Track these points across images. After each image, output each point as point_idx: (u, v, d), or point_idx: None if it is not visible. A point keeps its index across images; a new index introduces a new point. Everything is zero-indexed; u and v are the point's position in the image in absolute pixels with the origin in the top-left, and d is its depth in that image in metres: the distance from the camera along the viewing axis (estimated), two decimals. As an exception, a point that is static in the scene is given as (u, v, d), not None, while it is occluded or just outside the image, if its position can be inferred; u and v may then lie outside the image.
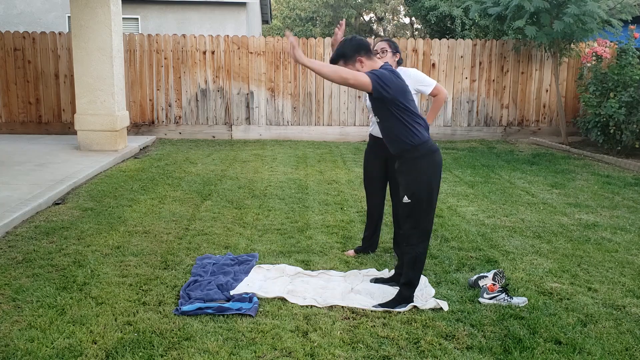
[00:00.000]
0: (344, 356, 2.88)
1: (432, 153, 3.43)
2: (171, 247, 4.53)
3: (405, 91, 3.43)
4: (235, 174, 7.55)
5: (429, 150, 3.42)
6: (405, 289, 3.50)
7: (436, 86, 4.26)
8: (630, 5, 10.09)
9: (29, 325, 3.13)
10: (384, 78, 3.31)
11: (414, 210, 3.41)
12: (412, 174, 3.41)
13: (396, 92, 3.35)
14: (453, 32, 15.22)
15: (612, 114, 8.84)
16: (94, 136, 8.69)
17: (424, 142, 3.41)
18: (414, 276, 3.50)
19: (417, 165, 3.40)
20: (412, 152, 3.40)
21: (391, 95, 3.32)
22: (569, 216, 5.70)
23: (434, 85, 4.26)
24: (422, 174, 3.40)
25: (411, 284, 3.50)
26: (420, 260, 3.50)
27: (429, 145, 3.43)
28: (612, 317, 3.40)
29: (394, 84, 3.35)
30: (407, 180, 3.42)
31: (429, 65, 11.16)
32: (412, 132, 3.39)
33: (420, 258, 3.49)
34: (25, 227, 4.94)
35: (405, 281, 3.51)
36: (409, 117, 3.39)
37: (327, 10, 29.01)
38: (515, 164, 8.64)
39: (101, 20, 8.40)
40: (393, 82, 3.35)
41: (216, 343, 2.96)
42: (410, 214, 3.44)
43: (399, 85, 3.39)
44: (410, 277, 3.49)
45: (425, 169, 3.40)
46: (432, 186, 3.42)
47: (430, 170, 3.42)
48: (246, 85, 11.02)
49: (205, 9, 13.94)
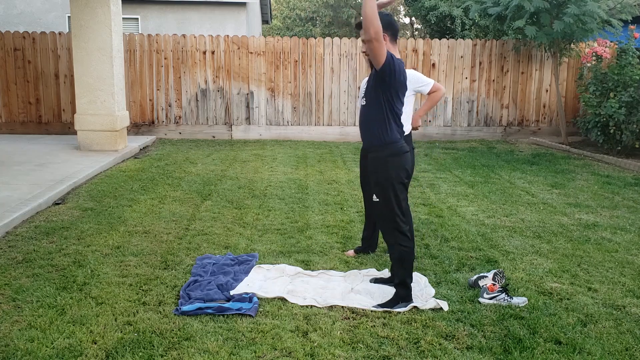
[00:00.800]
0: (344, 356, 2.88)
1: (400, 154, 3.44)
2: (171, 247, 4.53)
3: (404, 88, 3.45)
4: (235, 174, 7.55)
5: (398, 150, 3.44)
6: (400, 288, 3.51)
7: (434, 84, 4.30)
8: (630, 5, 10.09)
9: (29, 325, 3.13)
10: (397, 63, 3.34)
11: (384, 209, 3.47)
12: (380, 172, 3.45)
13: (398, 83, 3.37)
14: (453, 32, 15.22)
15: (612, 114, 8.84)
16: (94, 136, 8.69)
17: (394, 142, 3.43)
18: (405, 274, 3.51)
19: (384, 164, 3.43)
20: (380, 150, 3.44)
21: (393, 80, 3.34)
22: (569, 216, 5.70)
23: (432, 84, 4.29)
24: (389, 173, 3.42)
25: (404, 282, 3.50)
26: (406, 258, 3.51)
27: (398, 146, 3.45)
28: (612, 317, 3.40)
29: (402, 75, 3.39)
30: (375, 179, 3.48)
31: (429, 65, 11.16)
32: (387, 128, 3.41)
33: (405, 256, 3.50)
34: (25, 227, 4.94)
35: (399, 281, 3.52)
36: (392, 113, 3.42)
37: (327, 10, 29.02)
38: (515, 164, 8.64)
39: (101, 20, 8.40)
40: (401, 73, 3.39)
41: (216, 343, 2.96)
42: (381, 212, 3.50)
43: (403, 81, 3.42)
44: (401, 276, 3.51)
45: (391, 169, 3.42)
46: (398, 186, 3.44)
47: (396, 171, 3.43)
48: (246, 85, 11.02)
49: (205, 9, 13.94)
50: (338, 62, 11.08)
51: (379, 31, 3.17)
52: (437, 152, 9.72)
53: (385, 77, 3.33)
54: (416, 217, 5.50)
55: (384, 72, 3.31)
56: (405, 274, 3.51)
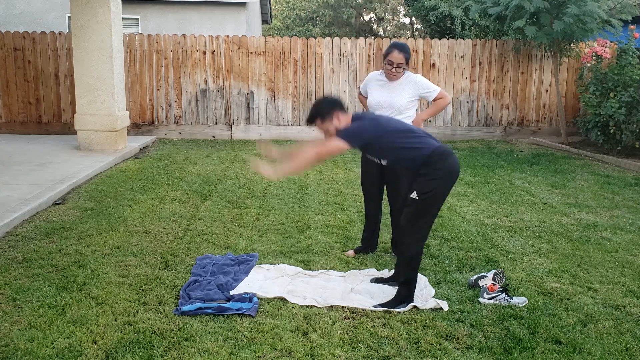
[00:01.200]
0: (344, 356, 2.88)
1: (447, 156, 3.38)
2: (171, 247, 4.53)
3: (383, 124, 3.48)
4: (235, 174, 7.55)
5: (443, 153, 3.38)
6: (404, 288, 3.51)
7: (440, 92, 4.29)
8: (630, 5, 10.09)
9: (29, 325, 3.13)
10: (354, 132, 3.37)
11: (419, 209, 3.38)
12: (430, 175, 3.35)
13: (376, 133, 3.41)
14: (453, 32, 15.22)
15: (612, 114, 8.84)
16: (94, 136, 8.69)
17: (435, 148, 3.38)
18: (411, 274, 3.50)
19: (435, 171, 3.35)
20: (429, 164, 3.36)
21: (372, 139, 3.41)
22: (569, 216, 5.70)
23: (438, 91, 4.29)
24: (438, 178, 3.35)
25: (409, 282, 3.50)
26: (416, 259, 3.50)
27: (442, 149, 3.40)
28: (612, 317, 3.40)
29: (367, 129, 3.41)
30: (422, 181, 3.36)
31: (429, 65, 11.17)
32: (416, 147, 3.38)
33: (416, 258, 3.50)
34: (25, 227, 4.94)
35: (404, 280, 3.51)
36: (405, 138, 3.42)
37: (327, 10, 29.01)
38: (515, 164, 8.64)
39: (101, 20, 8.40)
40: (365, 128, 3.41)
41: (216, 343, 2.96)
42: (414, 212, 3.40)
43: (374, 124, 3.45)
44: (408, 276, 3.50)
45: (441, 174, 3.36)
46: (442, 191, 3.40)
47: (445, 175, 3.37)
48: (246, 85, 11.02)
49: (205, 9, 13.95)
50: (338, 62, 11.08)
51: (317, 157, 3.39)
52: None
53: (365, 143, 3.45)
54: (416, 217, 5.50)
55: (360, 144, 3.45)
56: (411, 274, 3.50)
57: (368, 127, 3.42)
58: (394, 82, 4.24)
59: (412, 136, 3.45)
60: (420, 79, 4.28)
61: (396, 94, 4.23)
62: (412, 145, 3.40)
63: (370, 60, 11.11)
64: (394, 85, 4.25)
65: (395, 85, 4.25)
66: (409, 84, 4.25)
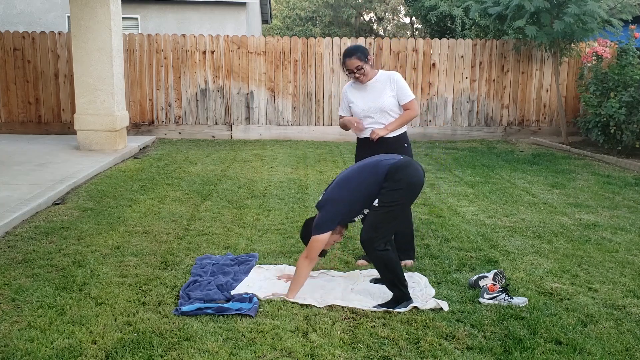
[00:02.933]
0: (344, 356, 2.88)
1: (405, 167, 3.53)
2: (171, 247, 4.53)
3: (339, 198, 3.56)
4: (235, 174, 7.55)
5: (401, 165, 3.53)
6: (395, 289, 3.50)
7: (412, 101, 4.11)
8: (631, 5, 10.08)
9: (29, 325, 3.12)
10: (323, 222, 3.53)
11: (382, 217, 3.48)
12: (391, 187, 3.48)
13: (338, 208, 3.53)
14: (453, 31, 15.22)
15: (613, 114, 8.83)
16: (94, 136, 8.69)
17: (392, 164, 3.52)
18: (395, 275, 3.50)
19: (396, 182, 3.48)
20: (390, 178, 3.49)
21: (340, 214, 3.54)
22: (569, 216, 5.69)
23: (411, 100, 4.11)
24: (400, 189, 3.49)
25: (395, 283, 3.49)
26: (389, 261, 3.49)
27: (400, 162, 3.56)
28: (613, 317, 3.40)
29: (331, 211, 3.54)
30: (385, 192, 3.49)
31: (429, 65, 11.16)
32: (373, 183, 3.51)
33: (389, 260, 3.49)
34: (25, 227, 4.93)
35: (389, 284, 3.52)
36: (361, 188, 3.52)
37: (327, 10, 29.00)
38: (515, 164, 8.63)
39: (101, 20, 8.39)
40: (329, 212, 3.54)
41: (216, 343, 2.95)
42: (377, 219, 3.50)
43: (333, 204, 3.56)
44: (391, 279, 3.50)
45: (403, 184, 3.50)
46: (405, 201, 3.57)
47: (407, 187, 3.52)
48: (246, 85, 11.01)
49: (205, 8, 13.94)
50: (338, 62, 11.06)
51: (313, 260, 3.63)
52: (437, 152, 9.71)
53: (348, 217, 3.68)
54: (416, 217, 5.50)
55: (345, 221, 3.70)
56: (394, 275, 3.50)
57: (329, 211, 3.55)
58: (369, 83, 4.11)
59: (366, 179, 3.54)
60: (397, 78, 4.11)
61: (378, 94, 4.09)
62: (369, 187, 3.51)
63: (370, 60, 11.08)
64: (371, 86, 4.12)
65: (373, 85, 4.11)
66: (387, 82, 4.10)
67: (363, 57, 4.05)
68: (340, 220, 3.57)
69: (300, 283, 3.58)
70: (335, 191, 3.60)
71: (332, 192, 3.62)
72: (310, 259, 3.57)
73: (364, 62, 4.05)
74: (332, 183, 3.72)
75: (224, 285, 3.69)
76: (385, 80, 4.11)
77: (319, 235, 3.51)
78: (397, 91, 4.10)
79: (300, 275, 3.58)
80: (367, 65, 4.07)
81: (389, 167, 3.49)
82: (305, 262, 3.57)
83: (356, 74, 4.08)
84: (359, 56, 4.04)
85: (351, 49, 4.09)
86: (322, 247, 3.55)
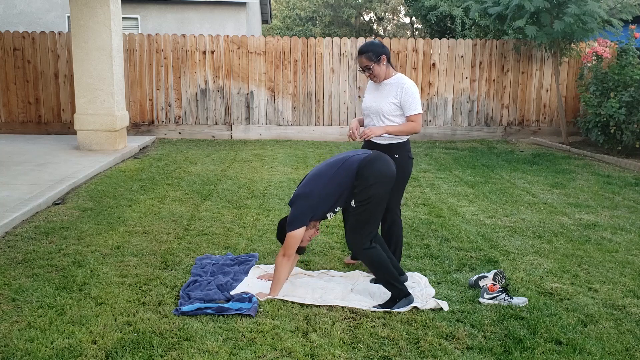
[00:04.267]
0: (344, 356, 2.88)
1: (372, 163, 3.56)
2: (171, 247, 4.53)
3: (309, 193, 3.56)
4: (235, 174, 7.55)
5: (369, 162, 3.56)
6: (390, 288, 3.51)
7: (416, 115, 3.93)
8: (631, 5, 10.08)
9: (29, 325, 3.12)
10: (295, 218, 3.53)
11: (361, 216, 3.52)
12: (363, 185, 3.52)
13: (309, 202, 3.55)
14: (453, 31, 15.22)
15: (613, 114, 8.83)
16: (94, 136, 8.69)
17: (360, 160, 3.55)
18: (384, 273, 3.51)
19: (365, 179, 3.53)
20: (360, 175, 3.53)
21: (312, 208, 3.54)
22: (569, 216, 5.69)
23: (415, 114, 3.93)
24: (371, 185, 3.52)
25: (390, 281, 3.50)
26: (376, 260, 3.51)
27: (367, 159, 3.57)
28: (613, 317, 3.40)
29: (300, 207, 3.55)
30: (358, 191, 3.53)
31: (429, 65, 11.16)
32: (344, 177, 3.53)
33: (376, 259, 3.51)
34: (25, 227, 4.93)
35: (384, 282, 3.53)
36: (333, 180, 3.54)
37: (327, 10, 29.00)
38: (515, 164, 8.64)
39: (101, 20, 8.39)
40: (299, 208, 3.55)
41: (216, 343, 2.95)
42: (357, 220, 3.53)
43: (303, 202, 3.56)
44: (384, 277, 3.52)
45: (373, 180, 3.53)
46: (381, 196, 3.56)
47: (378, 181, 3.53)
48: (246, 85, 11.01)
49: (205, 8, 13.94)
50: (338, 62, 11.07)
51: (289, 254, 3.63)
52: (437, 152, 9.71)
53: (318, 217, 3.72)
54: (416, 217, 5.50)
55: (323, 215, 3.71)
56: (385, 273, 3.51)
57: (300, 206, 3.56)
58: (382, 83, 4.02)
59: (339, 170, 3.55)
60: (407, 86, 3.93)
61: (383, 97, 4.00)
62: (343, 179, 3.52)
63: (370, 60, 11.08)
64: (382, 86, 4.02)
65: (384, 86, 4.02)
66: (397, 87, 3.95)
67: (374, 56, 3.91)
68: (313, 216, 3.57)
69: (281, 282, 3.61)
70: (306, 187, 3.60)
71: (302, 187, 3.62)
72: (288, 256, 3.59)
73: (375, 62, 3.91)
74: (303, 179, 3.72)
75: (224, 285, 3.69)
76: (396, 85, 3.96)
77: (293, 232, 3.53)
78: (402, 100, 3.93)
79: (280, 273, 3.60)
80: (378, 65, 3.92)
81: (358, 163, 3.51)
82: (284, 260, 3.59)
83: (366, 73, 4.02)
84: (369, 56, 3.92)
85: (363, 47, 3.95)
86: (297, 243, 3.57)
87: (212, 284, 3.68)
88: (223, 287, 3.67)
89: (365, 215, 3.50)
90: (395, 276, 3.53)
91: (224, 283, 3.72)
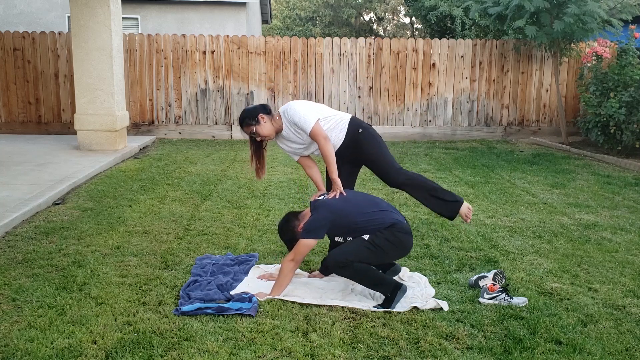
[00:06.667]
0: (344, 356, 2.88)
1: (406, 232, 3.56)
2: (171, 247, 4.53)
3: (338, 208, 3.55)
4: (235, 174, 7.55)
5: (405, 228, 3.57)
6: (380, 288, 3.48)
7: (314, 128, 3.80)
8: (631, 5, 10.08)
9: (29, 325, 3.13)
10: (313, 227, 3.49)
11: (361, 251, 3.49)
12: (387, 236, 3.50)
13: (333, 215, 3.51)
14: (453, 32, 15.22)
15: (613, 114, 8.84)
16: (94, 136, 8.69)
17: (398, 221, 3.54)
18: (373, 278, 3.48)
19: (393, 235, 3.51)
20: (391, 228, 3.52)
21: (333, 221, 3.50)
22: (569, 216, 5.70)
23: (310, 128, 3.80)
24: (391, 242, 3.52)
25: (376, 282, 3.49)
26: (357, 267, 3.47)
27: (407, 226, 3.59)
28: (613, 317, 3.40)
29: (325, 217, 3.51)
30: (381, 235, 3.51)
31: (429, 65, 11.16)
32: (378, 224, 3.52)
33: (355, 267, 3.47)
34: (25, 227, 4.93)
35: (373, 285, 3.51)
36: (368, 216, 3.53)
37: (327, 10, 29.01)
38: (515, 164, 8.64)
39: (101, 20, 8.39)
40: (323, 217, 3.50)
41: (216, 343, 2.96)
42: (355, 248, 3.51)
43: (327, 212, 3.53)
44: (369, 281, 3.50)
45: (397, 241, 3.53)
46: (389, 255, 3.62)
47: (398, 245, 3.54)
48: (246, 85, 11.01)
49: (205, 8, 13.95)
50: (338, 62, 11.08)
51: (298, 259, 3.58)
52: (437, 152, 9.72)
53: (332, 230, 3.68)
54: (416, 217, 5.50)
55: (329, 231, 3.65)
56: (372, 279, 3.49)
57: (324, 218, 3.51)
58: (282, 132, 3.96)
59: (375, 212, 3.55)
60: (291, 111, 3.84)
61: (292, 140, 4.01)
62: (374, 223, 3.51)
63: (370, 60, 11.10)
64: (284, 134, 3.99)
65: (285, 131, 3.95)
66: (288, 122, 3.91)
67: (252, 120, 3.85)
68: (328, 231, 3.56)
69: (284, 286, 3.56)
70: (337, 202, 3.60)
71: (333, 200, 3.61)
72: (297, 262, 3.56)
73: (255, 124, 3.85)
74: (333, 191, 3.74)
75: (224, 285, 3.69)
76: (287, 121, 3.91)
77: (308, 241, 3.49)
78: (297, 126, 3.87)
79: (286, 277, 3.56)
80: (260, 126, 3.85)
81: (395, 222, 3.53)
82: (291, 265, 3.54)
83: (258, 139, 3.92)
84: (248, 122, 3.86)
85: (239, 120, 3.92)
86: (308, 251, 3.55)
87: (212, 284, 3.68)
88: (223, 287, 3.67)
89: (366, 253, 3.48)
90: (380, 275, 3.54)
91: (224, 283, 3.72)
